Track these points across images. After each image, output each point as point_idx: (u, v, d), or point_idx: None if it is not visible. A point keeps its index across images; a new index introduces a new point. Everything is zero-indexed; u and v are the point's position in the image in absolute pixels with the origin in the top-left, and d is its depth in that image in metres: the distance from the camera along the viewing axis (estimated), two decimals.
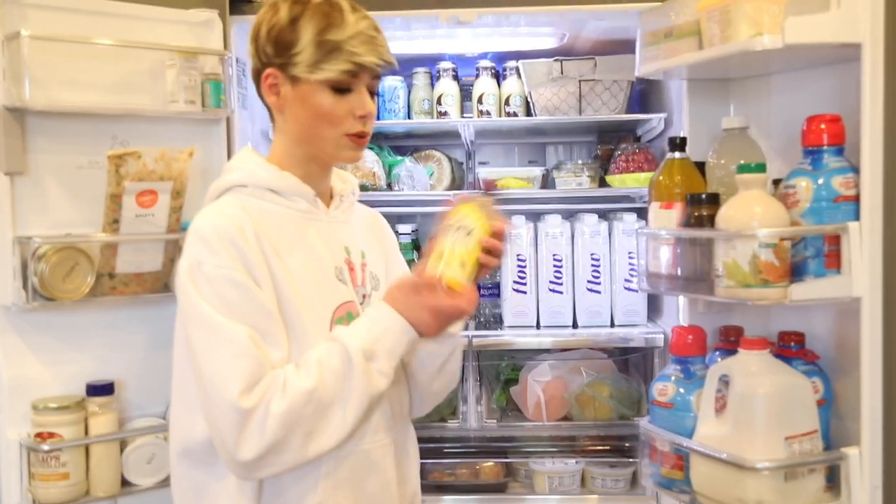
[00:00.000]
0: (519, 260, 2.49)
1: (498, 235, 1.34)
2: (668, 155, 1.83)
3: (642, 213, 2.32)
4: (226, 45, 2.02)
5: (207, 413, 1.25)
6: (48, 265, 1.73)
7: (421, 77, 2.67)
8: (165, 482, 1.89)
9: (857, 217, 1.56)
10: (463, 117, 2.64)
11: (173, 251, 1.92)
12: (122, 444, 1.86)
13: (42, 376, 1.82)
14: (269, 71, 1.33)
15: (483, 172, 2.60)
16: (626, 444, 2.52)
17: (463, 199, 1.36)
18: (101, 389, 1.83)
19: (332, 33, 1.29)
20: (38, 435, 1.76)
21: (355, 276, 1.42)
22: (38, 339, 1.81)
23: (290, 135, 1.37)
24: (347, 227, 1.45)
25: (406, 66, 2.60)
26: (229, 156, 2.04)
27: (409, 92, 2.69)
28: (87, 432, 1.82)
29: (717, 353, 1.83)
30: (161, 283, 1.92)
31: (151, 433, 1.89)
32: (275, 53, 1.32)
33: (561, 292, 2.50)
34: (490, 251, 1.33)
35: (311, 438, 1.24)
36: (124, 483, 1.86)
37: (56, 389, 1.83)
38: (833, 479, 1.62)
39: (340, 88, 1.31)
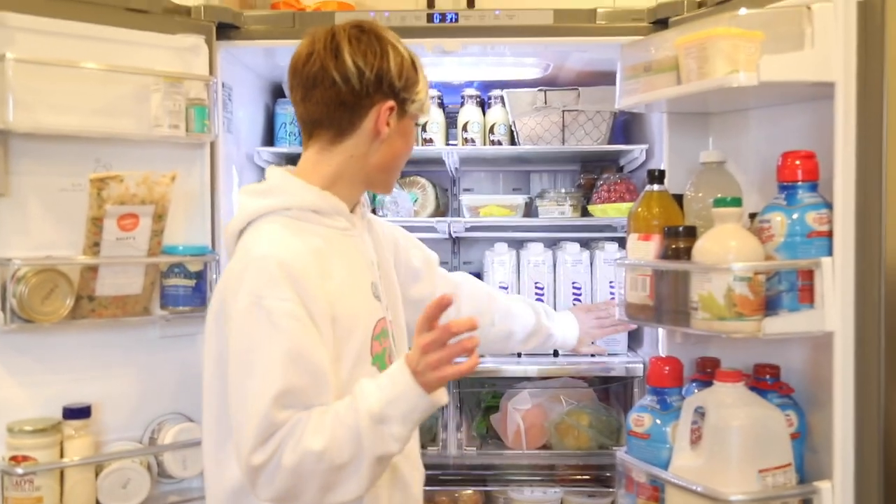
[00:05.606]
0: (501, 287, 2.50)
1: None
2: (647, 187, 1.84)
3: (624, 243, 2.33)
4: (211, 71, 2.02)
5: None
6: (27, 287, 1.73)
7: None
8: None
9: (830, 252, 1.57)
10: (448, 144, 2.66)
11: (154, 274, 1.92)
12: (98, 468, 1.85)
13: (18, 398, 1.81)
14: (391, 103, 1.41)
15: (466, 199, 2.61)
16: (606, 474, 2.51)
17: None
18: (78, 412, 1.82)
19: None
20: (13, 458, 1.75)
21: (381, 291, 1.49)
22: (15, 361, 1.81)
23: (367, 160, 1.44)
24: (363, 239, 1.51)
25: None
26: (213, 180, 2.05)
27: None
28: (62, 455, 1.81)
29: (694, 384, 1.84)
30: (141, 307, 1.92)
31: (127, 457, 1.88)
32: (403, 88, 1.42)
33: None
34: None
35: (327, 491, 1.27)
36: None
37: (32, 412, 1.82)
38: None
39: None
